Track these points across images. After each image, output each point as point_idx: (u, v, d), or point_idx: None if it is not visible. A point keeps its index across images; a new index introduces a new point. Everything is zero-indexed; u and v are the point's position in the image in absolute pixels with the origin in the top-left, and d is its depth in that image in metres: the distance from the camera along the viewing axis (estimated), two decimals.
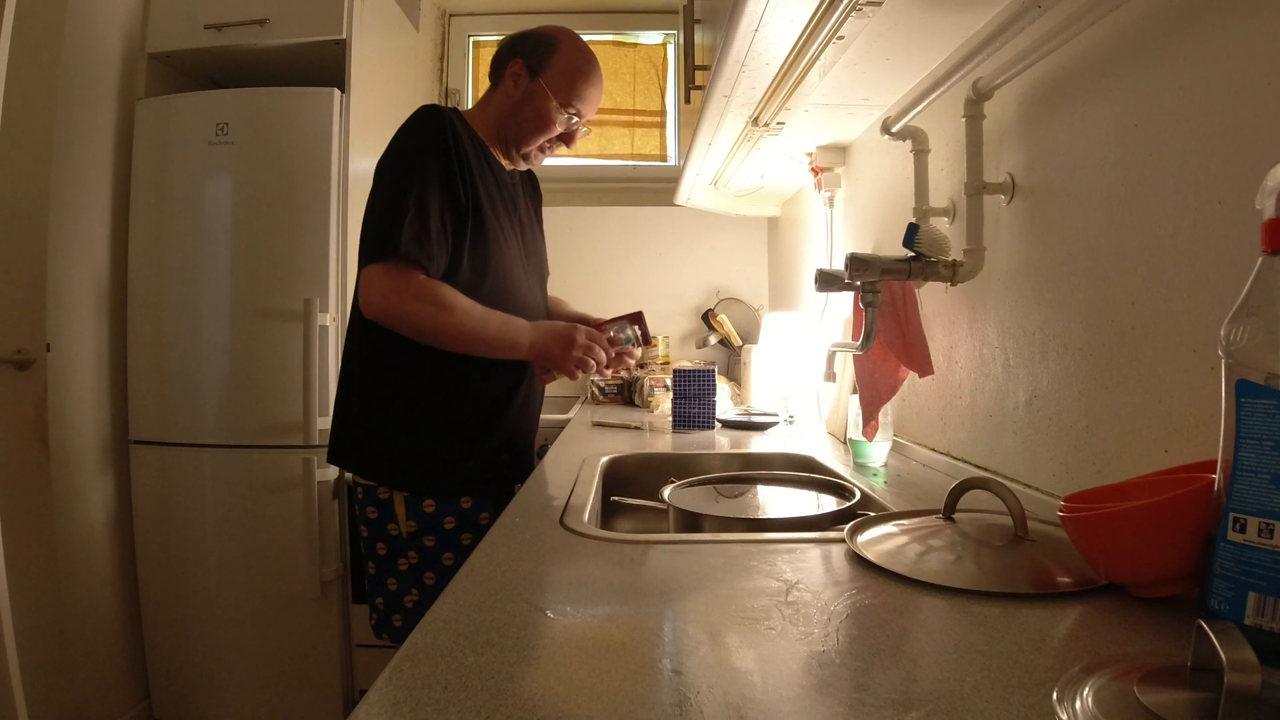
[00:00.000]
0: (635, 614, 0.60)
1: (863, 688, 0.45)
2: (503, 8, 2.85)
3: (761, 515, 1.04)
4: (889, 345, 1.22)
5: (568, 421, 2.03)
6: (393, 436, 1.21)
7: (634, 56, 2.92)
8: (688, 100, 1.87)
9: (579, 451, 1.44)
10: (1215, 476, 0.51)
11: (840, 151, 1.75)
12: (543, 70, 1.27)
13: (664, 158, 2.91)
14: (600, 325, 1.26)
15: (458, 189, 1.17)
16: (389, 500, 1.21)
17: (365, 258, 1.14)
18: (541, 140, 1.28)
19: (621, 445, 1.54)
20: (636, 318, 1.28)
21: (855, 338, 1.21)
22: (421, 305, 1.12)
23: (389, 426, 1.22)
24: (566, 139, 1.31)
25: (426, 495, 1.20)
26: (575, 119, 1.29)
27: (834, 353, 1.29)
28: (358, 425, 1.23)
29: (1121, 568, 0.60)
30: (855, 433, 1.28)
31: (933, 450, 1.28)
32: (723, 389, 2.06)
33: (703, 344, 2.68)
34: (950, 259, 1.12)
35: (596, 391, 2.52)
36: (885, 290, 1.18)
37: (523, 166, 1.34)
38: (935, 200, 1.24)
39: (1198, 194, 0.70)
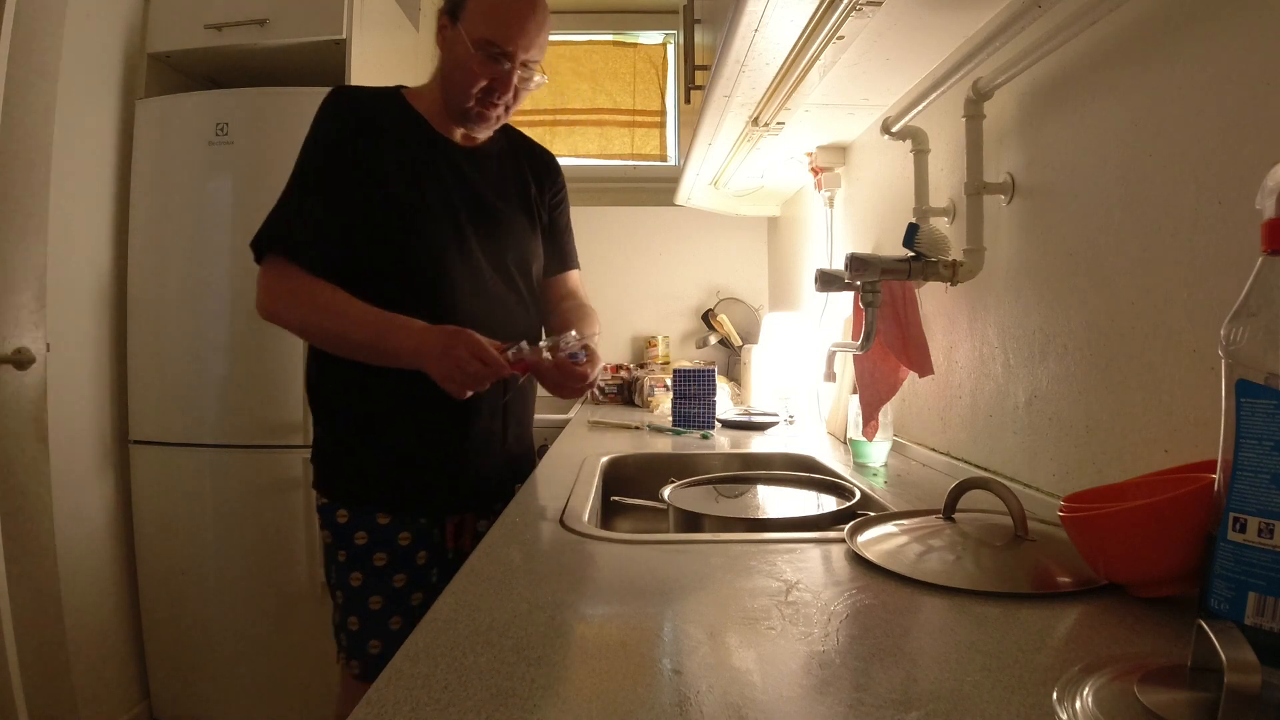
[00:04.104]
0: (635, 614, 0.60)
1: (863, 688, 0.45)
2: None
3: (761, 515, 1.04)
4: (889, 345, 1.22)
5: (567, 421, 2.03)
6: (323, 438, 1.15)
7: (634, 56, 2.92)
8: (688, 100, 1.87)
9: (579, 451, 1.44)
10: (1215, 476, 0.51)
11: (840, 151, 1.75)
12: (461, 12, 1.08)
13: (664, 158, 2.91)
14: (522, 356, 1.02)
15: (347, 173, 1.06)
16: (321, 505, 1.14)
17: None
18: (472, 92, 1.08)
19: (621, 445, 1.54)
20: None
21: (855, 338, 1.21)
22: (289, 307, 1.05)
23: (321, 427, 1.15)
24: (500, 84, 1.08)
25: (340, 505, 1.11)
26: (505, 62, 1.07)
27: (834, 353, 1.29)
28: (314, 425, 1.18)
29: (1121, 568, 0.60)
30: (855, 433, 1.28)
31: (933, 450, 1.28)
32: (723, 389, 2.06)
33: (703, 344, 2.68)
34: (950, 259, 1.12)
35: (596, 391, 2.52)
36: (885, 290, 1.18)
37: (480, 134, 1.17)
38: (935, 200, 1.24)
39: (1198, 194, 0.70)
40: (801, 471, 1.27)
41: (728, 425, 1.82)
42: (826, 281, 1.24)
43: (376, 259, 1.08)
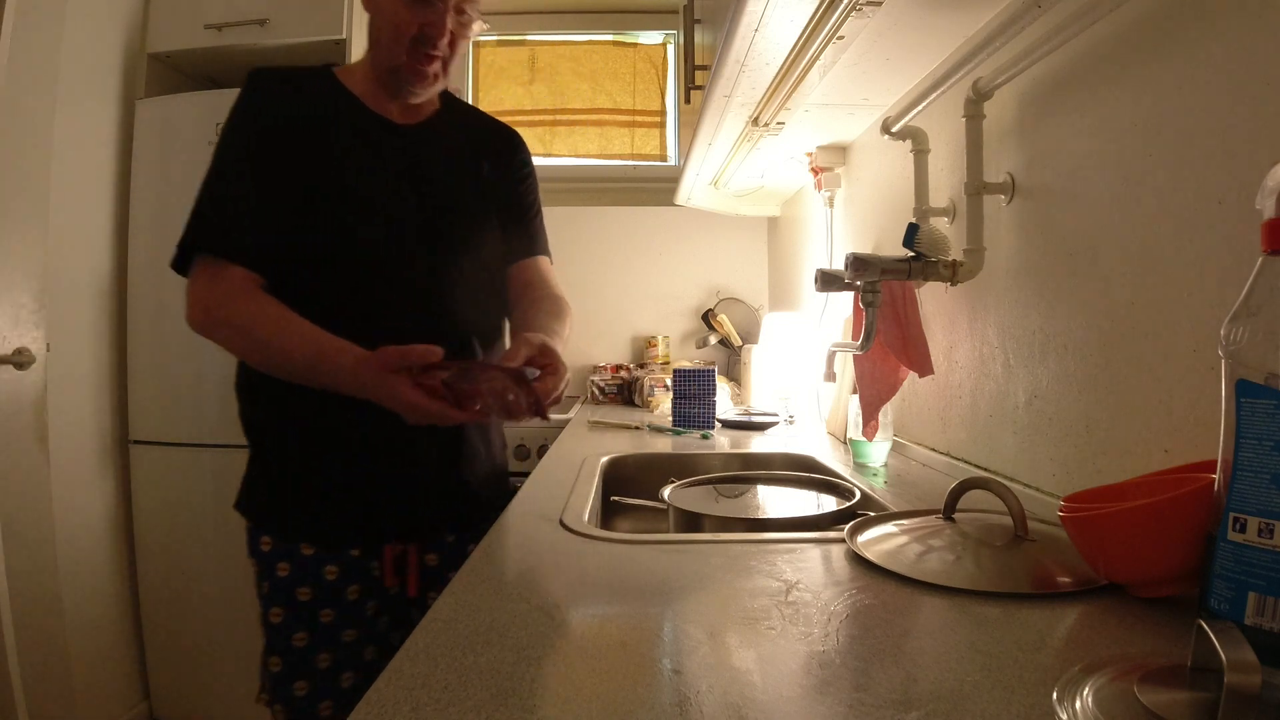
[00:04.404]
0: (635, 614, 0.60)
1: (863, 688, 0.45)
2: (502, 7, 2.85)
3: (761, 515, 1.04)
4: (889, 345, 1.22)
5: (568, 421, 2.03)
6: (251, 458, 1.03)
7: (634, 56, 2.92)
8: (688, 100, 1.87)
9: (579, 451, 1.44)
10: (1215, 476, 0.51)
11: (840, 151, 1.75)
12: None
13: (664, 158, 2.91)
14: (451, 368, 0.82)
15: (272, 163, 0.95)
16: (247, 528, 1.03)
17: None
18: (403, 44, 0.96)
19: (621, 445, 1.54)
20: (517, 375, 0.82)
21: (855, 338, 1.21)
22: (223, 318, 0.92)
23: (250, 445, 1.03)
24: (433, 29, 0.96)
25: (264, 531, 0.99)
26: (437, 2, 0.95)
27: (834, 353, 1.29)
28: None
29: (1121, 568, 0.60)
30: (855, 433, 1.28)
31: (933, 450, 1.28)
32: (723, 389, 2.06)
33: (703, 344, 2.68)
34: (950, 259, 1.12)
35: (596, 391, 2.52)
36: (885, 290, 1.18)
37: (419, 95, 1.02)
38: (935, 200, 1.24)
39: (1198, 194, 0.70)
40: (801, 471, 1.27)
41: (728, 425, 1.82)
42: (826, 281, 1.24)
43: (304, 259, 0.95)
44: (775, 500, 1.10)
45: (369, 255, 0.98)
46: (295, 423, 0.98)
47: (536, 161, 1.20)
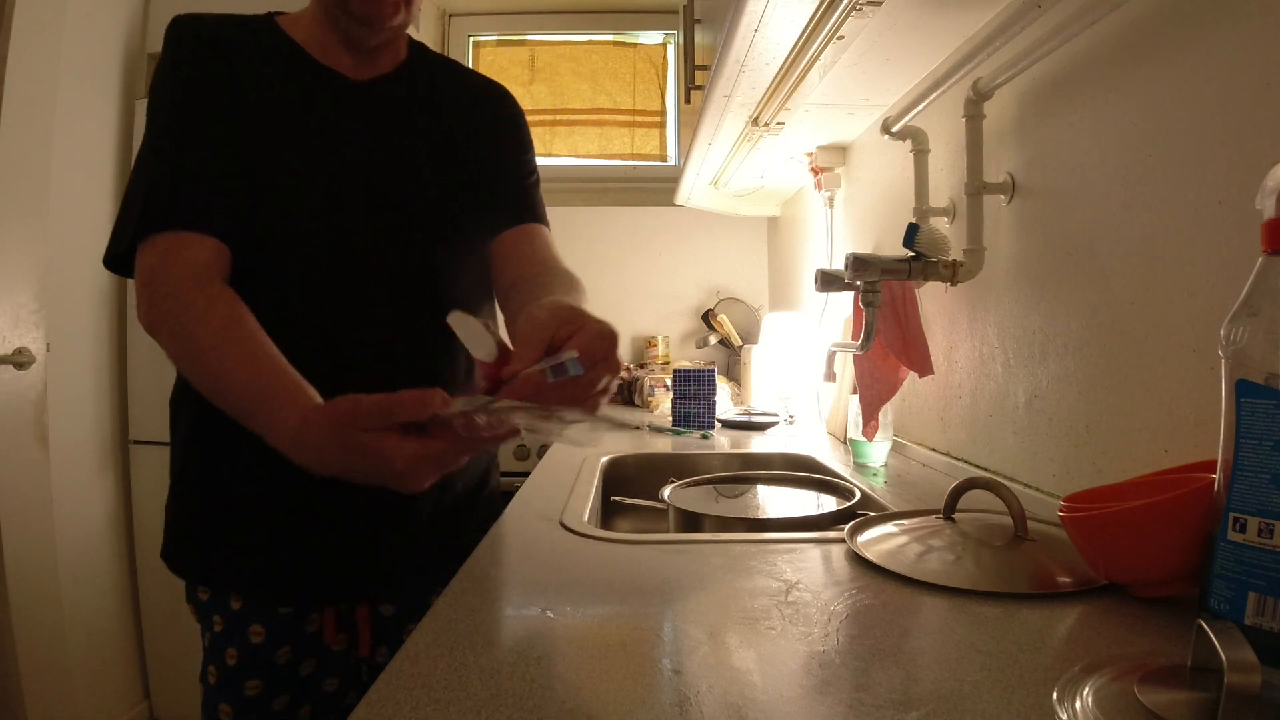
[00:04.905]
0: (635, 614, 0.60)
1: (863, 688, 0.45)
2: (503, 8, 2.85)
3: (761, 515, 1.04)
4: (889, 345, 1.22)
5: None
6: (173, 488, 0.88)
7: (634, 56, 2.92)
8: (688, 100, 1.87)
9: (579, 451, 1.44)
10: (1215, 476, 0.51)
11: (840, 151, 1.75)
12: None
13: (664, 158, 2.91)
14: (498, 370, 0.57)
15: (204, 125, 0.79)
16: None
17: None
18: None
19: (621, 445, 1.54)
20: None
21: (855, 338, 1.21)
22: (163, 326, 0.71)
23: (173, 470, 0.88)
24: None
25: (200, 580, 0.85)
26: None
27: (834, 353, 1.29)
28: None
29: (1121, 568, 0.60)
30: (855, 433, 1.28)
31: (933, 450, 1.28)
32: (723, 389, 2.06)
33: (703, 344, 2.68)
34: (950, 259, 1.12)
35: None
36: (885, 290, 1.18)
37: (375, 37, 0.83)
38: (935, 200, 1.24)
39: (1198, 194, 0.70)
40: (801, 471, 1.27)
41: (728, 425, 1.82)
42: (827, 281, 1.24)
43: (232, 242, 0.77)
44: (775, 500, 1.10)
45: (308, 237, 0.80)
46: (218, 448, 0.82)
47: (537, 161, 1.09)
